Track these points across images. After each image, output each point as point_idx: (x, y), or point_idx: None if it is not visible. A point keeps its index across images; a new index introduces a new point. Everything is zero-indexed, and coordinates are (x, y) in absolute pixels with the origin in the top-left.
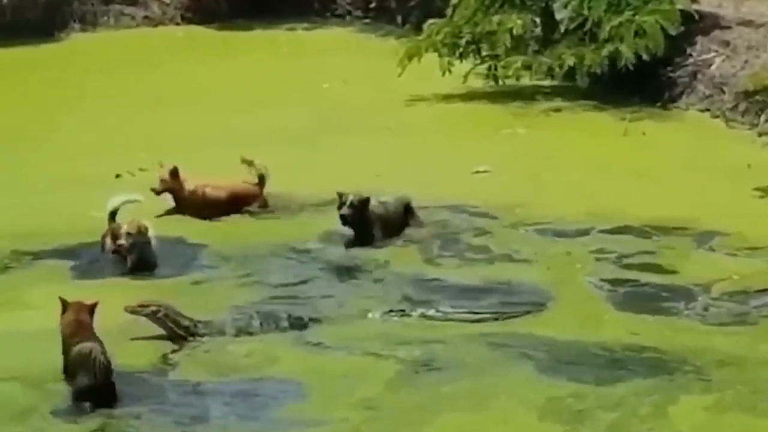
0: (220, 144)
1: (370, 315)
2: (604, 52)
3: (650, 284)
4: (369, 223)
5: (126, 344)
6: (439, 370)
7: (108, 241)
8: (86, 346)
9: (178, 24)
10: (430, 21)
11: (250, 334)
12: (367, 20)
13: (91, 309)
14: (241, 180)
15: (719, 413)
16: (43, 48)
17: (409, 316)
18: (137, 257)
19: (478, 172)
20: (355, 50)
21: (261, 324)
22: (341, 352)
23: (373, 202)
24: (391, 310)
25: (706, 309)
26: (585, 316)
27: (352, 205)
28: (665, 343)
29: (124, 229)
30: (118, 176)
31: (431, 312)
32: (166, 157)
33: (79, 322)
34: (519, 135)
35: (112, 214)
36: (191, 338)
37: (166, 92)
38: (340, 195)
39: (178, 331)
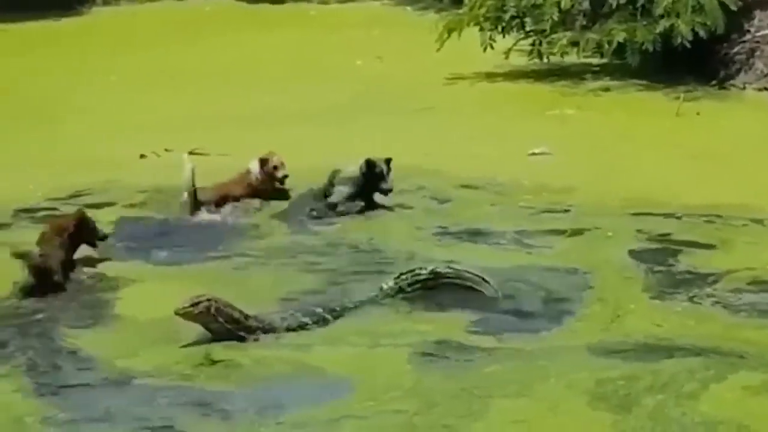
0: (250, 123)
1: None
2: (658, 28)
3: (694, 269)
4: None
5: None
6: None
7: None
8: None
9: None
10: None
11: (300, 328)
12: None
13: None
14: None
15: None
16: (65, 22)
17: None
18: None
19: (534, 153)
20: (391, 25)
21: (306, 317)
22: (382, 341)
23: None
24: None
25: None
26: (624, 299)
27: None
28: (705, 330)
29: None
30: (142, 156)
31: None
32: (194, 138)
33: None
34: (567, 116)
35: (194, 192)
36: (244, 334)
37: (194, 69)
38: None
39: (229, 327)
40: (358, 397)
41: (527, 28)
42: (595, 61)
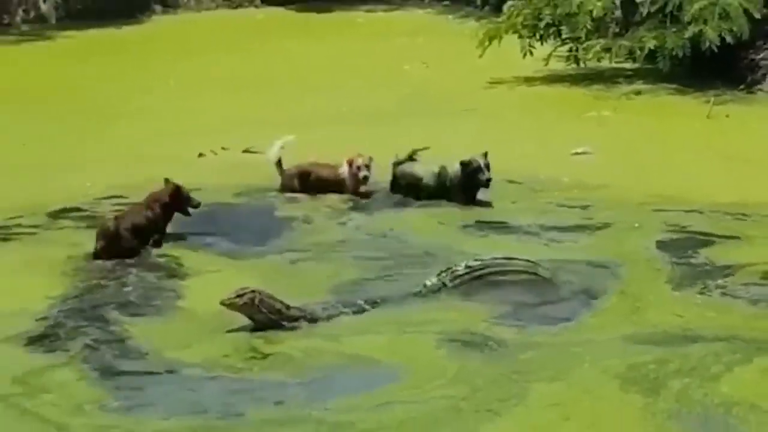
0: (301, 124)
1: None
2: (687, 34)
3: (717, 262)
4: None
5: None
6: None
7: (296, 182)
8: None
9: (257, 6)
10: (510, 2)
11: (340, 315)
12: (446, 2)
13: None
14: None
15: None
16: (126, 30)
17: None
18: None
19: (577, 153)
20: (435, 32)
21: (347, 306)
22: (424, 328)
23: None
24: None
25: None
26: (648, 291)
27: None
28: (726, 320)
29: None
30: (200, 155)
31: None
32: (248, 138)
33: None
34: (604, 117)
35: (279, 162)
36: (286, 323)
37: (246, 73)
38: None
39: (272, 317)
40: (403, 384)
41: (563, 36)
42: (628, 66)
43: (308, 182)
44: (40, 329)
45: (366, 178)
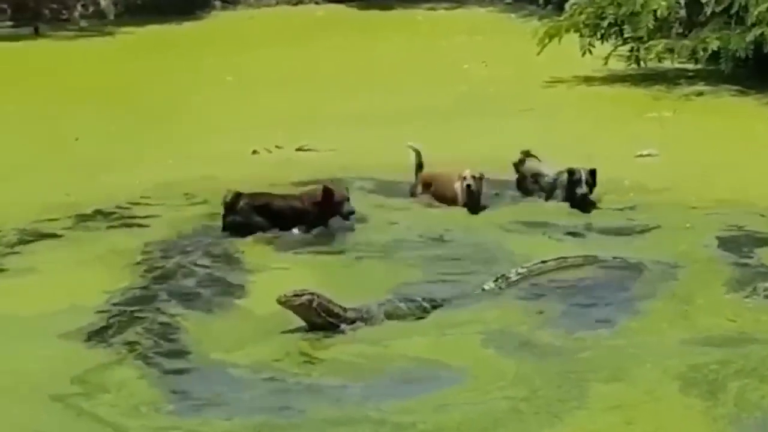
0: (359, 121)
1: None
2: (750, 36)
3: None
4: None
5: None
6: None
7: (420, 189)
8: None
9: (317, 2)
10: (573, 1)
11: (399, 318)
12: (508, 0)
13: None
14: None
15: None
16: (185, 26)
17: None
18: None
19: (642, 155)
20: (496, 30)
21: (407, 308)
22: (481, 331)
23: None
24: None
25: None
26: (702, 293)
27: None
28: None
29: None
30: (254, 152)
31: None
32: (304, 135)
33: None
34: (665, 118)
35: (419, 166)
36: (342, 326)
37: (305, 70)
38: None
39: (329, 320)
40: (462, 386)
41: (625, 35)
42: (690, 66)
43: (430, 191)
44: (99, 324)
45: (476, 192)
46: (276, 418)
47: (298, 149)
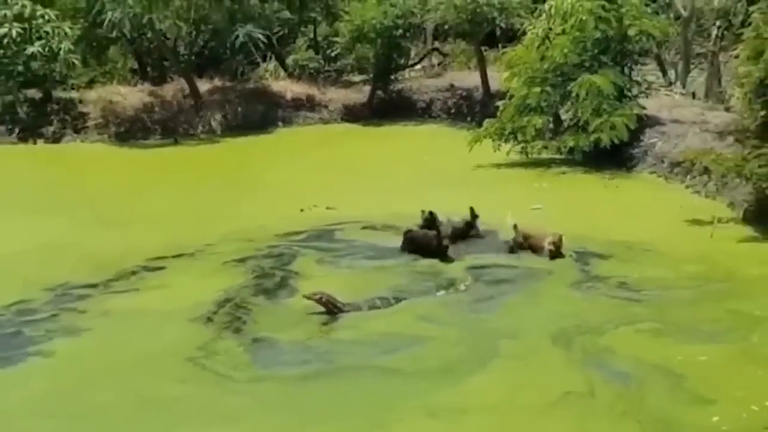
0: (365, 191)
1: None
2: (591, 138)
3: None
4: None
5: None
6: None
7: (520, 240)
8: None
9: (338, 122)
10: (487, 120)
11: (377, 308)
12: (449, 119)
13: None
14: None
15: None
16: (261, 137)
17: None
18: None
19: (534, 208)
20: (444, 137)
21: (381, 303)
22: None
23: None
24: None
25: None
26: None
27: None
28: None
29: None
30: (302, 210)
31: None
32: (330, 199)
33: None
34: (545, 188)
35: (515, 226)
36: (340, 313)
37: (331, 161)
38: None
39: (333, 309)
40: (422, 347)
41: (518, 139)
42: (558, 157)
43: (526, 243)
44: (211, 312)
45: (554, 249)
46: (316, 366)
47: (327, 208)
